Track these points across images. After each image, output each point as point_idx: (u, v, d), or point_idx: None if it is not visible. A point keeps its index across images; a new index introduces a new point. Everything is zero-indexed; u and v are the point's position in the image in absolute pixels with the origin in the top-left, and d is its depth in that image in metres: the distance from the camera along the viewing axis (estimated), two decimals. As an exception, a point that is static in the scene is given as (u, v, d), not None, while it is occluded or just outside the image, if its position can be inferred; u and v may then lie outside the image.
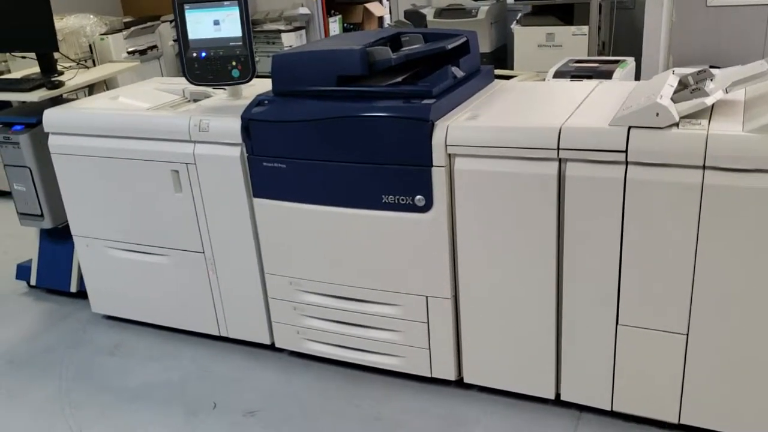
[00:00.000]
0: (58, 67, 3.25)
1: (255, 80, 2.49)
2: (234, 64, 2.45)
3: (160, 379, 2.65)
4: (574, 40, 5.27)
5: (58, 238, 3.18)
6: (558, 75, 3.90)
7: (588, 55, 5.10)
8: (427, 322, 2.33)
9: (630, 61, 4.05)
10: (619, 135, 1.89)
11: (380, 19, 7.86)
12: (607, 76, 3.75)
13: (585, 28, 5.24)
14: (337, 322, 2.50)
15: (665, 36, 4.99)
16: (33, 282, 3.33)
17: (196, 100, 2.76)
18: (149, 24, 5.36)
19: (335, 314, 2.48)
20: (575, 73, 3.87)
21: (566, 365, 2.19)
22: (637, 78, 4.41)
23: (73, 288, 3.19)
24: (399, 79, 2.36)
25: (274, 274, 2.54)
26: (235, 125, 2.38)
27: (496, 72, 2.73)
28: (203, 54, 2.47)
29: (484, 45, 5.45)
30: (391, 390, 2.46)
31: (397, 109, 2.15)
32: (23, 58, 3.47)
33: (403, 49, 2.50)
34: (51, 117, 2.75)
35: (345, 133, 2.21)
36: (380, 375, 2.52)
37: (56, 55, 3.26)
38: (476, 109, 2.26)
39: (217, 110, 2.53)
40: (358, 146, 2.20)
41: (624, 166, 1.90)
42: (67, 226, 2.96)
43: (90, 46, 4.71)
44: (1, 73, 4.53)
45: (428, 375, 2.42)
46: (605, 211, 1.96)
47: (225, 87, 2.65)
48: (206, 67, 2.48)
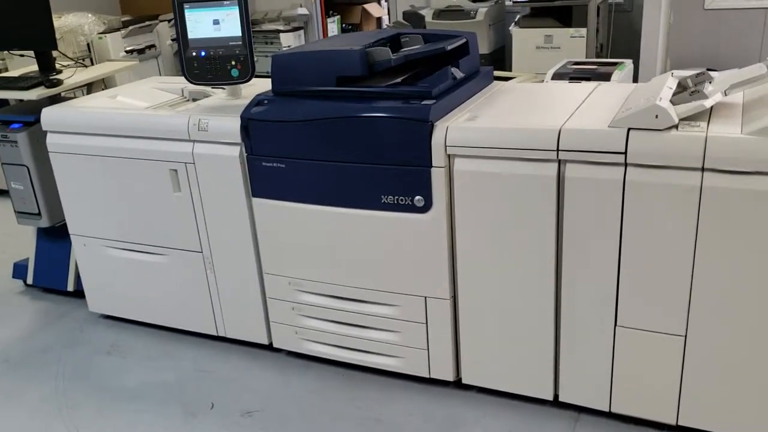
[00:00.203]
0: (57, 66, 3.24)
1: (254, 80, 2.49)
2: (233, 63, 2.45)
3: (157, 378, 2.64)
4: (572, 42, 5.28)
5: (55, 237, 3.17)
6: (556, 76, 3.91)
7: (586, 57, 5.11)
8: (426, 323, 2.33)
9: (628, 63, 4.06)
10: (618, 137, 1.89)
11: (378, 20, 7.86)
12: (606, 78, 3.76)
13: (583, 30, 5.25)
14: (335, 323, 2.50)
15: (663, 38, 5.00)
16: (30, 281, 3.33)
17: (195, 100, 2.76)
18: (147, 23, 5.36)
19: (334, 314, 2.48)
20: (574, 74, 3.88)
21: (565, 366, 2.20)
22: (635, 80, 4.43)
23: (70, 287, 3.19)
24: (398, 80, 2.36)
25: (272, 274, 2.54)
26: (234, 125, 2.38)
27: (495, 73, 2.73)
28: (203, 53, 2.47)
29: (482, 46, 5.45)
30: (389, 391, 2.46)
31: (396, 110, 2.15)
32: (21, 56, 3.46)
33: (403, 49, 2.50)
34: (49, 115, 2.74)
35: (344, 133, 2.21)
36: (379, 375, 2.52)
37: (54, 53, 3.25)
38: (476, 110, 2.26)
39: (217, 110, 2.53)
40: (358, 146, 2.20)
41: (623, 168, 1.90)
42: (65, 224, 2.95)
43: (88, 45, 4.70)
44: (-1, 71, 4.52)
45: (427, 376, 2.42)
46: (604, 213, 1.96)
47: (224, 86, 2.65)
48: (206, 66, 2.47)
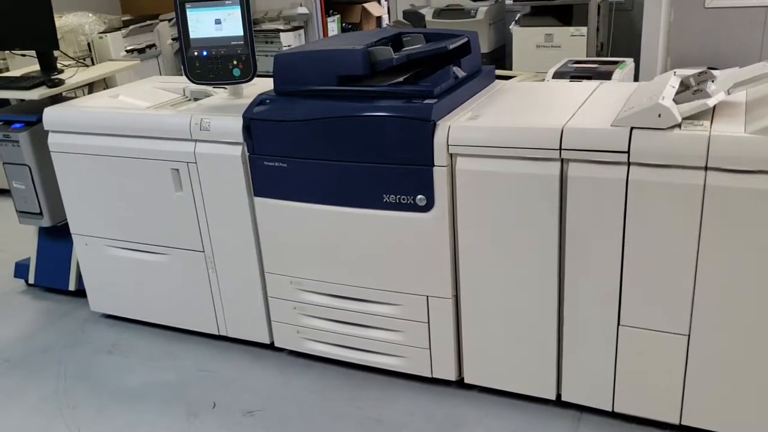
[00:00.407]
0: (58, 65, 3.24)
1: (255, 79, 2.49)
2: (235, 63, 2.45)
3: (159, 378, 2.64)
4: (572, 41, 5.28)
5: (56, 237, 3.17)
6: (557, 75, 3.90)
7: (586, 56, 5.10)
8: (428, 322, 2.33)
9: (629, 62, 4.05)
10: (621, 136, 1.89)
11: (378, 19, 7.85)
12: (607, 76, 3.76)
13: (584, 29, 5.25)
14: (337, 322, 2.49)
15: (663, 37, 5.00)
16: (31, 280, 3.32)
17: (196, 99, 2.76)
18: (148, 23, 5.36)
19: (335, 314, 2.48)
20: (574, 73, 3.88)
21: (567, 366, 2.19)
22: (636, 79, 4.42)
23: (72, 286, 3.18)
24: (400, 79, 2.36)
25: (274, 274, 2.54)
26: (236, 124, 2.38)
27: (495, 72, 2.72)
28: (204, 53, 2.46)
29: (482, 45, 5.43)
30: (391, 390, 2.46)
31: (398, 109, 2.14)
32: (23, 56, 3.46)
33: (405, 49, 2.50)
34: (51, 115, 2.74)
35: (346, 132, 2.20)
36: (380, 375, 2.51)
37: (55, 53, 3.25)
38: (478, 109, 2.26)
39: (218, 109, 2.52)
40: (360, 146, 2.20)
41: (626, 167, 1.90)
42: (66, 224, 2.95)
43: (89, 45, 4.69)
44: (0, 71, 4.51)
45: (429, 375, 2.42)
46: (607, 212, 1.96)
47: (226, 86, 2.65)
48: (207, 66, 2.47)
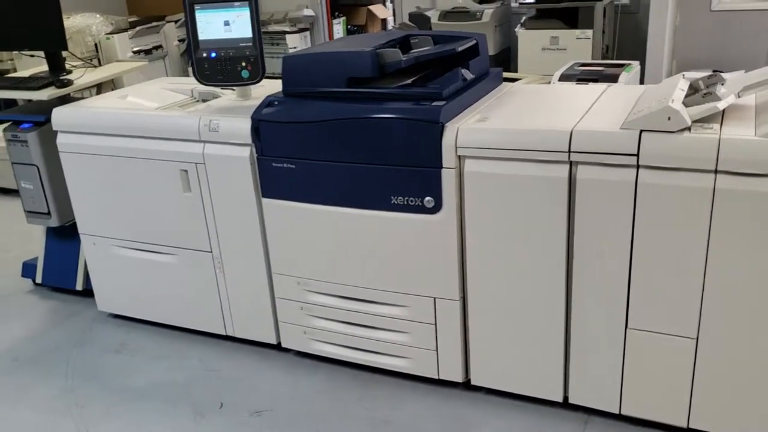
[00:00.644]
0: (66, 66, 3.25)
1: (263, 81, 2.50)
2: (244, 64, 2.46)
3: (166, 378, 2.65)
4: (578, 44, 5.28)
5: (64, 237, 3.18)
6: (563, 78, 3.90)
7: (592, 59, 5.11)
8: (435, 324, 2.33)
9: (635, 65, 4.05)
10: (630, 138, 1.89)
11: (384, 21, 7.87)
12: (613, 79, 3.75)
13: (589, 32, 5.26)
14: (344, 323, 2.50)
15: (669, 40, 5.01)
16: (39, 280, 3.33)
17: (204, 100, 2.76)
18: (154, 24, 5.38)
19: (342, 315, 2.49)
20: (581, 76, 3.87)
21: (574, 368, 2.19)
22: (641, 82, 4.42)
23: (79, 286, 3.19)
24: (409, 81, 2.36)
25: (281, 274, 2.55)
26: (245, 126, 2.39)
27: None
28: (213, 54, 2.47)
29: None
30: (398, 391, 2.46)
31: (407, 111, 2.15)
32: (32, 56, 3.47)
33: (413, 51, 2.50)
34: (60, 115, 2.75)
35: (355, 134, 2.21)
36: (387, 376, 2.52)
37: (64, 53, 3.26)
38: (486, 111, 2.26)
39: (227, 110, 2.53)
40: (368, 147, 2.20)
41: (635, 170, 1.90)
42: (74, 224, 2.96)
43: (96, 45, 4.72)
44: (7, 71, 4.54)
45: (435, 377, 2.42)
46: (616, 215, 1.96)
47: (234, 87, 2.66)
48: (216, 67, 2.48)
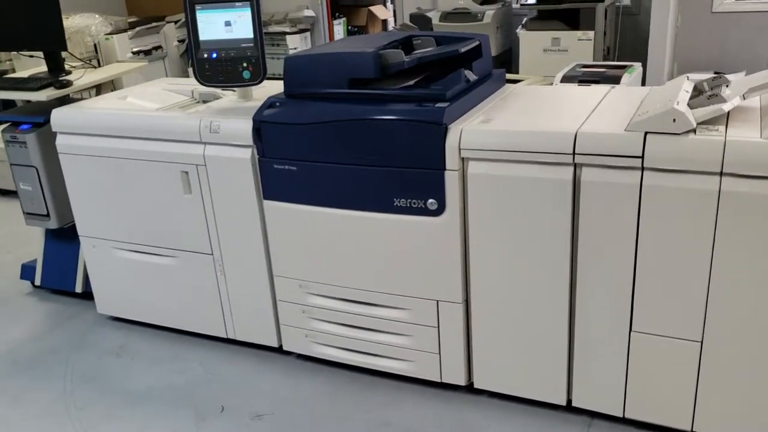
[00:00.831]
0: (65, 67, 3.23)
1: (263, 82, 2.48)
2: (245, 65, 2.44)
3: (166, 381, 2.63)
4: (579, 45, 5.27)
5: (63, 238, 3.16)
6: (565, 79, 3.89)
7: (593, 60, 5.09)
8: (438, 327, 2.32)
9: (637, 66, 4.04)
10: (635, 140, 1.88)
11: (384, 22, 7.86)
12: (615, 81, 3.74)
13: (590, 33, 5.24)
14: (346, 326, 2.48)
15: (670, 41, 5.00)
16: (38, 282, 3.31)
17: (205, 101, 2.75)
18: (154, 24, 5.37)
19: (344, 318, 2.47)
20: (583, 77, 3.86)
21: (578, 371, 2.18)
22: (643, 84, 4.41)
23: (79, 288, 3.18)
24: (411, 83, 2.35)
25: (283, 277, 2.53)
26: (246, 127, 2.37)
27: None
28: (214, 55, 2.46)
29: (489, 49, 5.44)
30: (400, 394, 2.44)
31: (410, 113, 2.14)
32: (31, 57, 3.45)
33: (416, 52, 2.48)
34: (59, 116, 2.73)
35: (357, 135, 2.19)
36: (389, 379, 2.50)
37: (63, 54, 3.24)
38: (489, 112, 2.25)
39: (228, 112, 2.52)
40: (370, 149, 2.19)
41: (640, 172, 1.89)
42: (73, 226, 2.95)
43: (95, 46, 4.70)
44: (6, 72, 4.52)
45: (438, 380, 2.40)
46: (620, 217, 1.95)
47: (235, 88, 2.64)
48: (217, 68, 2.47)
